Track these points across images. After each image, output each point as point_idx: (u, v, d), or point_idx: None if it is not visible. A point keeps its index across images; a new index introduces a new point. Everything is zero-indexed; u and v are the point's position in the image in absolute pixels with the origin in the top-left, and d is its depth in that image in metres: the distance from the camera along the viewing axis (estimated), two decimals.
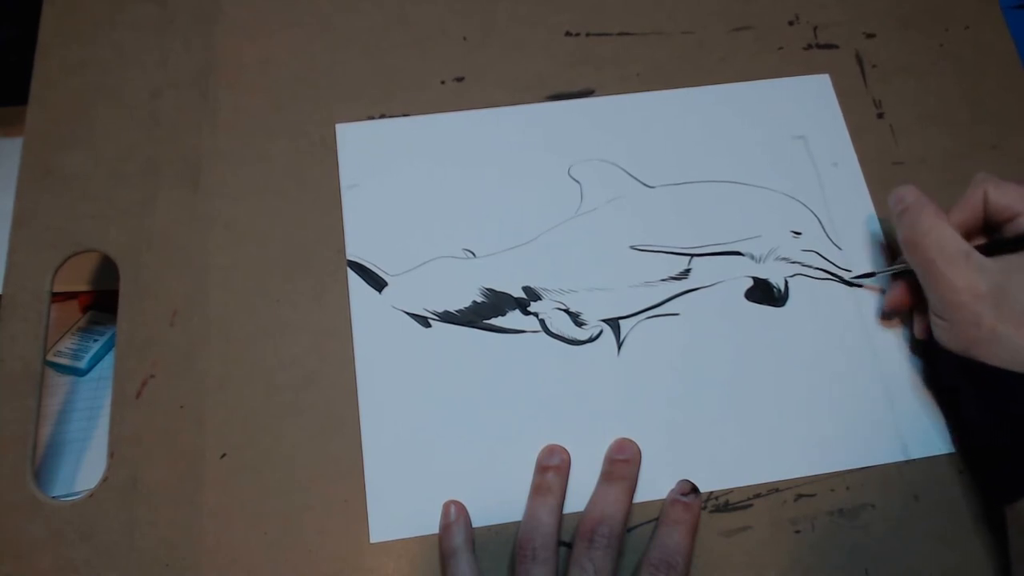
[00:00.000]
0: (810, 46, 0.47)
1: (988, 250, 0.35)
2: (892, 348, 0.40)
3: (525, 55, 0.46)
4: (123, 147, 0.43)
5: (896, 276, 0.40)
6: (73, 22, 0.45)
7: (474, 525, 0.36)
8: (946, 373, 0.38)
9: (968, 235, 0.37)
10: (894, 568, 0.36)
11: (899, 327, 0.40)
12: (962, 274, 0.34)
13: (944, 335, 0.35)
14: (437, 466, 0.37)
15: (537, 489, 0.36)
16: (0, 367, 0.38)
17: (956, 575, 0.36)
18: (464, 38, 0.46)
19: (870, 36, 0.47)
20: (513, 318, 0.40)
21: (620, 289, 0.41)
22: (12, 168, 0.41)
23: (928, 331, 0.37)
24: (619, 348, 0.40)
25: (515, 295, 0.41)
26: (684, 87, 0.46)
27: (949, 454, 0.38)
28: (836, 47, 0.47)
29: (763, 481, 0.37)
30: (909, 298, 0.39)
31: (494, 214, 0.42)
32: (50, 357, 0.49)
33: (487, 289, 0.41)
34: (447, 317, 0.40)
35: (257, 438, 0.37)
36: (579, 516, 0.36)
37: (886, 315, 0.40)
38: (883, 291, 0.41)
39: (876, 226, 0.42)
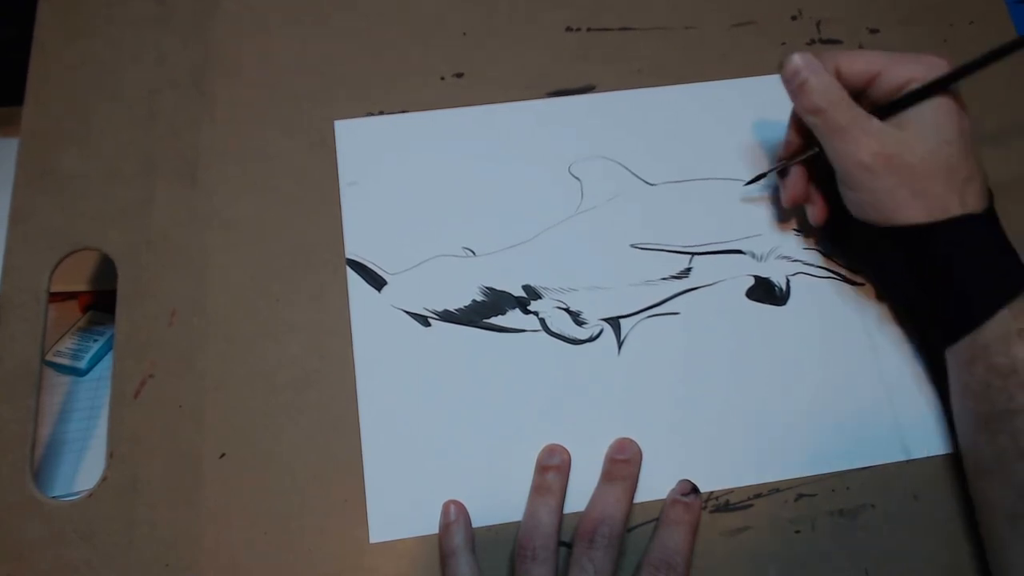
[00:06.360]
0: (813, 41, 0.47)
1: (881, 115, 0.36)
2: (892, 348, 0.40)
3: (525, 51, 0.46)
4: (121, 145, 0.42)
5: (783, 172, 0.40)
6: (70, 19, 0.45)
7: (474, 525, 0.36)
8: (865, 246, 0.38)
9: None
10: (894, 568, 0.36)
11: (900, 327, 0.40)
12: (874, 139, 0.35)
13: (860, 209, 0.36)
14: (437, 466, 0.37)
15: (537, 489, 0.36)
16: None
17: (956, 575, 0.36)
18: (464, 34, 0.46)
19: (874, 31, 0.47)
20: (513, 317, 0.40)
21: (620, 288, 0.41)
22: (9, 167, 0.41)
23: (826, 215, 0.38)
24: (619, 347, 0.39)
25: (515, 294, 0.40)
26: (686, 83, 0.45)
27: (949, 454, 0.38)
28: (840, 42, 0.47)
29: (763, 481, 0.37)
30: (806, 185, 0.39)
31: (494, 212, 0.42)
32: (50, 357, 0.49)
33: (487, 288, 0.41)
34: (447, 316, 0.40)
35: (257, 438, 0.37)
36: (579, 516, 0.36)
37: (789, 208, 0.41)
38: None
39: None
